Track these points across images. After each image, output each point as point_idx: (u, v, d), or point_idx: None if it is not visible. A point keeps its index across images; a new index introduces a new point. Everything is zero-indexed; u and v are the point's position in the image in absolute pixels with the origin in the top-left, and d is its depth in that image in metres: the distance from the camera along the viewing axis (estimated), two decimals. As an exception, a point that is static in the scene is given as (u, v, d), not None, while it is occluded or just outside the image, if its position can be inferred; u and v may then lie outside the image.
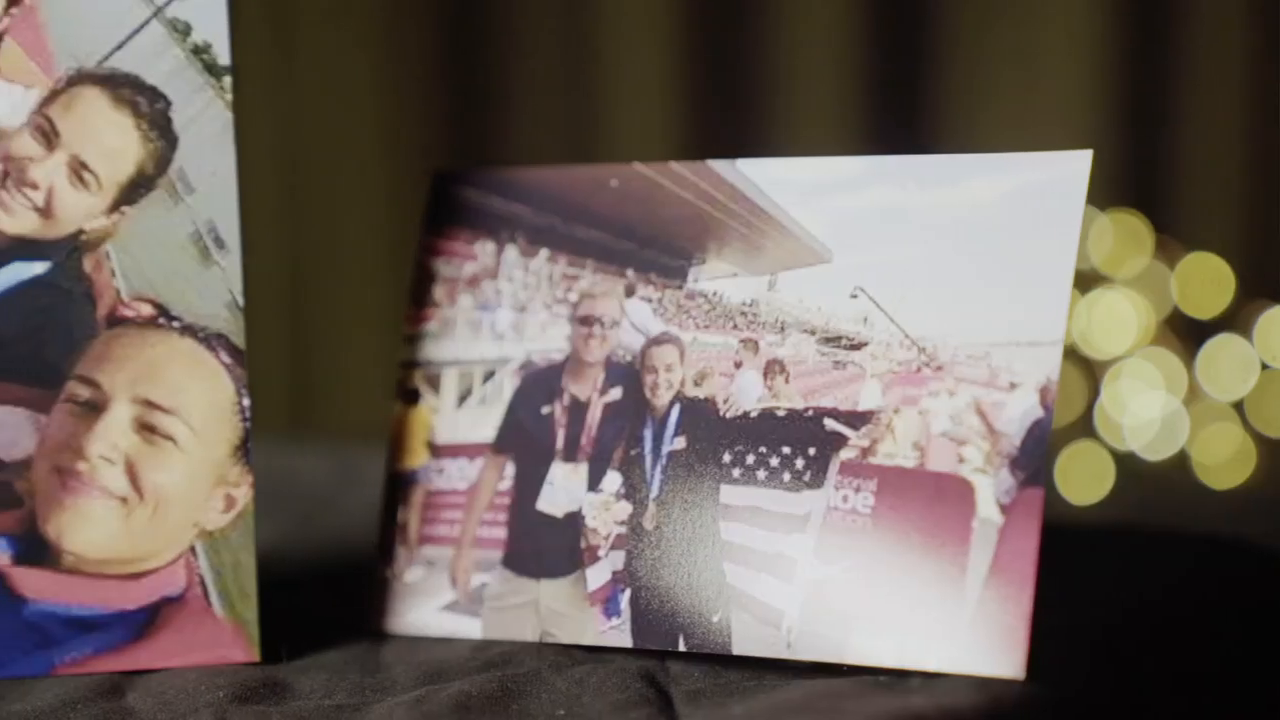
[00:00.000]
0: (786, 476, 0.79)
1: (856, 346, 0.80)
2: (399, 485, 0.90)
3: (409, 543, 0.89)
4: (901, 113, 2.10)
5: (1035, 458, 0.74)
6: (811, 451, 0.79)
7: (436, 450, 0.90)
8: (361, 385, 2.06)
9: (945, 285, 0.78)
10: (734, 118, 2.09)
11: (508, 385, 0.89)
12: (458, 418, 0.90)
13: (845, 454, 0.78)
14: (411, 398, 0.91)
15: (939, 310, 0.78)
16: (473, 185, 0.91)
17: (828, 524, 0.78)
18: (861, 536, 0.77)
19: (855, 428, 0.78)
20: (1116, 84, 2.11)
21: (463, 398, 0.90)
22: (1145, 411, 2.20)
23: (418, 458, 0.90)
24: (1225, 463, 2.19)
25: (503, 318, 0.89)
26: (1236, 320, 2.17)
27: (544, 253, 0.89)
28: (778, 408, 0.81)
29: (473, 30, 2.07)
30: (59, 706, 0.77)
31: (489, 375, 0.89)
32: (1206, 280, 2.21)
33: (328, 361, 2.10)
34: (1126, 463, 2.16)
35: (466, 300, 0.90)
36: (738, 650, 0.79)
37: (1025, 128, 2.09)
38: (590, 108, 2.07)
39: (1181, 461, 2.22)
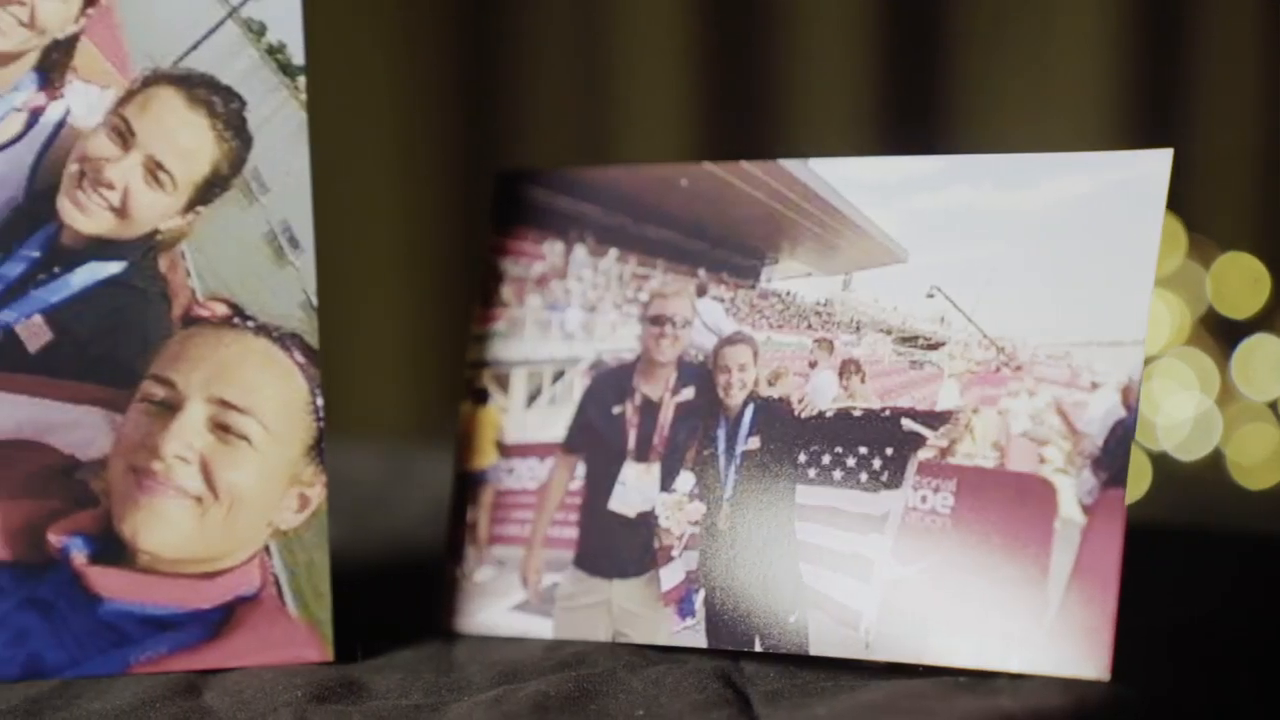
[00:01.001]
0: (863, 476, 0.79)
1: (934, 346, 0.79)
2: (468, 485, 0.90)
3: (479, 542, 0.89)
4: (916, 114, 2.10)
5: (1118, 458, 0.74)
6: (889, 451, 0.79)
7: (506, 450, 0.90)
8: (394, 384, 2.06)
9: (1023, 285, 0.78)
10: (749, 119, 2.09)
11: (578, 385, 0.88)
12: (527, 417, 0.89)
13: (923, 454, 0.78)
14: (480, 397, 0.91)
15: (1017, 310, 0.78)
16: (539, 185, 0.91)
17: (906, 524, 0.78)
18: (941, 537, 0.77)
19: (933, 428, 0.78)
20: (1136, 83, 2.11)
21: (532, 397, 0.90)
22: (1179, 412, 2.20)
23: (487, 457, 0.90)
24: (1260, 463, 2.19)
25: (572, 317, 0.89)
26: (1272, 320, 2.16)
27: (613, 252, 0.89)
28: (854, 408, 0.80)
29: (486, 32, 2.08)
30: (137, 705, 0.77)
31: (559, 375, 0.89)
32: (1241, 280, 2.20)
33: (354, 360, 2.11)
34: (1161, 463, 2.15)
35: (535, 300, 0.90)
36: (814, 651, 0.79)
37: (1044, 129, 2.09)
38: (604, 110, 2.07)
39: (1216, 461, 2.22)
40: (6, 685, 0.81)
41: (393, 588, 0.97)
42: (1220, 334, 2.20)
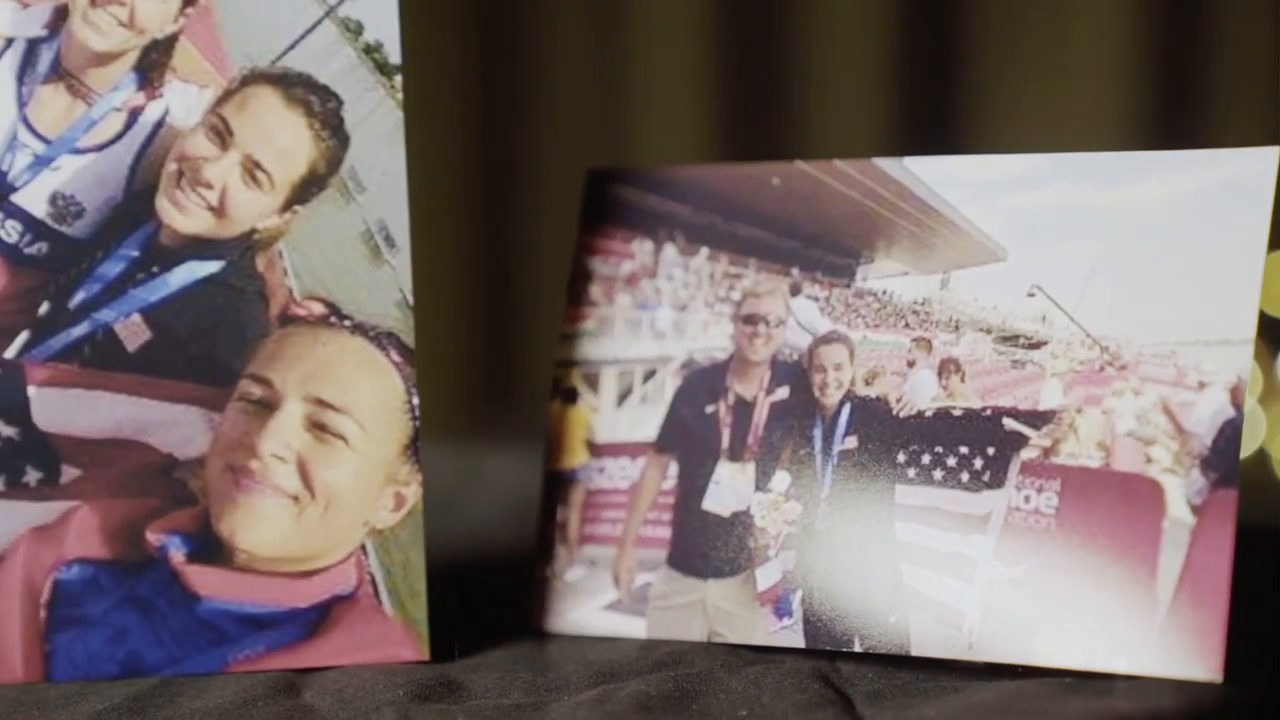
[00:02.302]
0: (964, 476, 0.79)
1: (1035, 345, 0.79)
2: (557, 484, 0.90)
3: (569, 542, 0.89)
4: (931, 116, 2.09)
5: (1227, 458, 0.73)
6: (990, 451, 0.78)
7: (596, 449, 0.89)
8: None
9: (1127, 284, 0.77)
10: (766, 121, 2.08)
11: (669, 384, 0.88)
12: (618, 417, 0.89)
13: (1026, 454, 0.78)
14: (569, 397, 0.91)
15: (1121, 309, 0.77)
16: (628, 184, 0.91)
17: (1009, 524, 0.77)
18: (1045, 537, 0.76)
19: (1036, 427, 0.78)
20: (1153, 84, 2.10)
21: (623, 397, 0.90)
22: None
23: (577, 457, 0.90)
24: (1305, 461, 2.17)
25: (663, 316, 0.89)
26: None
27: (704, 251, 0.89)
28: (954, 407, 0.80)
29: (502, 34, 2.07)
30: (239, 704, 0.77)
31: (650, 374, 0.89)
32: (1285, 278, 2.19)
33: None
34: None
35: (625, 299, 0.90)
36: (916, 651, 0.78)
37: (1060, 131, 2.08)
38: (619, 111, 2.07)
39: (1261, 460, 2.20)
40: (106, 683, 0.81)
41: (477, 586, 0.97)
42: (1265, 333, 2.18)
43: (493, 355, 2.07)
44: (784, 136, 2.06)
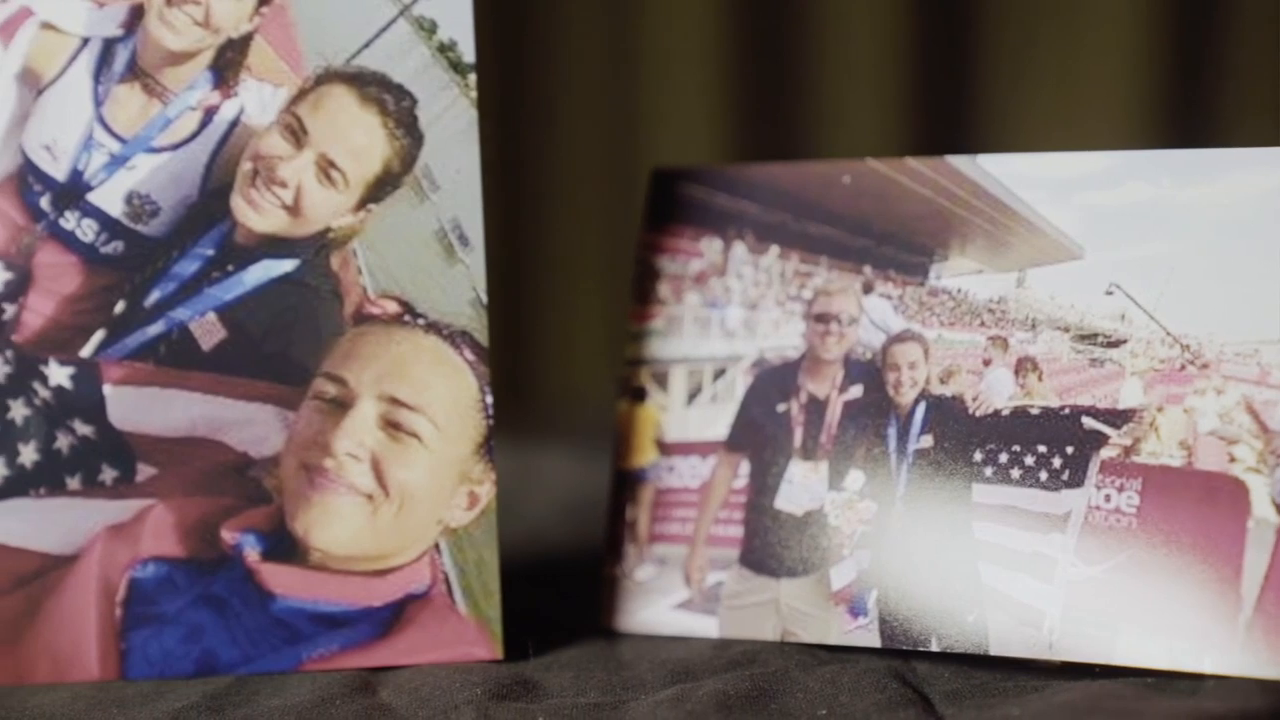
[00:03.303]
0: (1043, 475, 0.78)
1: (1114, 344, 0.79)
2: (627, 483, 0.90)
3: (639, 541, 0.89)
4: (943, 116, 2.08)
5: (1313, 457, 0.73)
6: (1069, 450, 0.78)
7: (666, 448, 0.89)
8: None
9: (1207, 281, 0.77)
10: (777, 123, 2.07)
11: (740, 383, 0.88)
12: (688, 415, 0.89)
13: (1106, 453, 0.77)
14: (638, 395, 0.90)
15: (1201, 307, 0.77)
16: (694, 182, 0.91)
17: (1089, 523, 0.77)
18: (1126, 536, 0.76)
19: (1116, 426, 0.77)
20: (1166, 86, 2.09)
21: (692, 395, 0.89)
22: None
23: (646, 455, 0.90)
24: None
25: (733, 315, 0.89)
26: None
27: (774, 249, 0.88)
28: (1031, 405, 0.80)
29: (517, 35, 2.07)
30: (316, 702, 0.77)
31: (720, 373, 0.89)
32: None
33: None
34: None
35: (693, 298, 0.90)
36: (995, 651, 0.78)
37: (1073, 134, 2.07)
38: (631, 112, 2.06)
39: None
40: (182, 681, 0.81)
41: (537, 585, 0.97)
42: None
43: (505, 355, 2.07)
44: (794, 137, 2.06)
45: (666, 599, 0.87)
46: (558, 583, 0.98)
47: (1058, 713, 0.70)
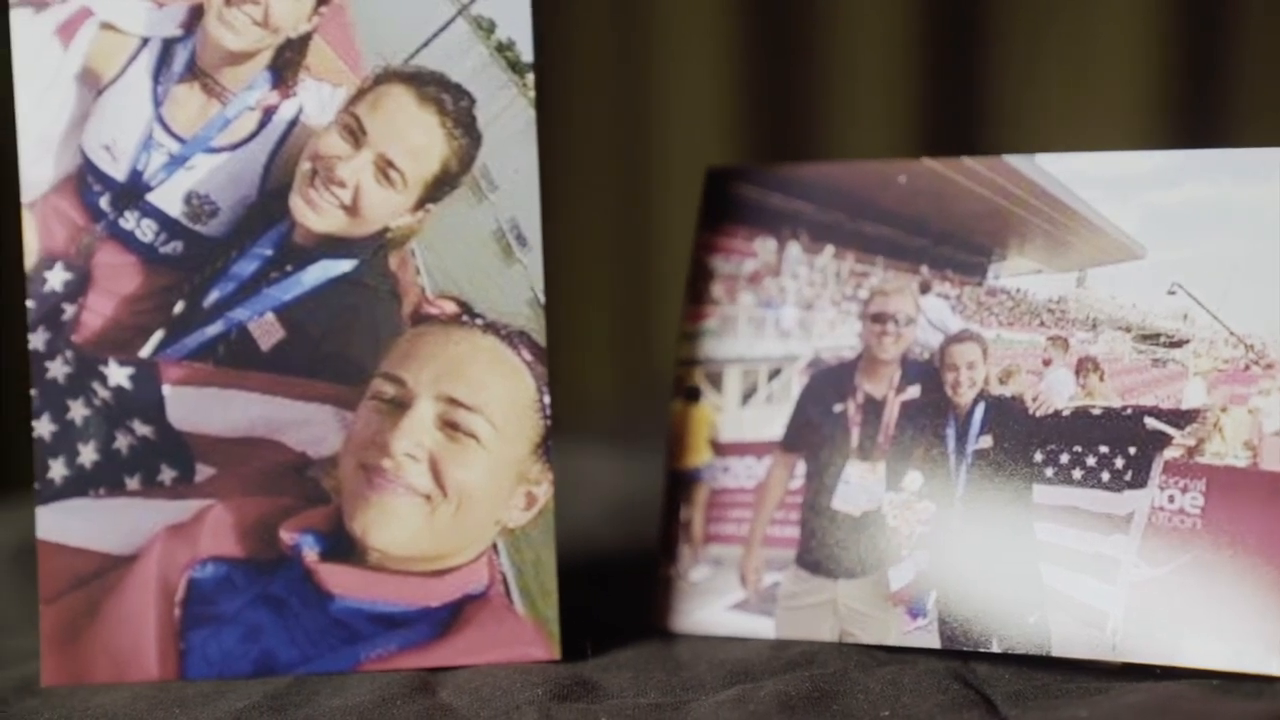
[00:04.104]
0: (1105, 476, 0.78)
1: (1177, 344, 0.78)
2: (680, 484, 0.89)
3: (694, 541, 0.89)
4: (953, 116, 2.08)
5: (1381, 458, 0.73)
6: (1132, 451, 0.78)
7: (720, 448, 0.89)
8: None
9: (1271, 281, 0.77)
10: (785, 122, 2.07)
11: (795, 383, 0.88)
12: (742, 415, 0.89)
13: (1169, 453, 0.77)
14: (692, 396, 0.90)
15: (1265, 306, 0.76)
16: (749, 181, 0.91)
17: (1152, 524, 0.77)
18: (1191, 537, 0.76)
19: (1179, 426, 0.77)
20: (1175, 87, 2.08)
21: (747, 395, 0.89)
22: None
23: (700, 456, 0.90)
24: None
25: (788, 315, 0.89)
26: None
27: (829, 249, 0.88)
28: (1092, 406, 0.79)
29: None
30: (377, 703, 0.77)
31: (775, 373, 0.89)
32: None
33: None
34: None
35: (748, 298, 0.90)
36: (1057, 652, 0.78)
37: (1084, 134, 2.07)
38: (640, 112, 2.06)
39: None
40: (241, 681, 0.81)
41: (594, 586, 0.97)
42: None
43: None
44: (804, 137, 2.05)
45: (722, 600, 0.87)
46: (608, 583, 0.98)
47: (1127, 714, 0.69)
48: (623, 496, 1.21)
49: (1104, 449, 0.78)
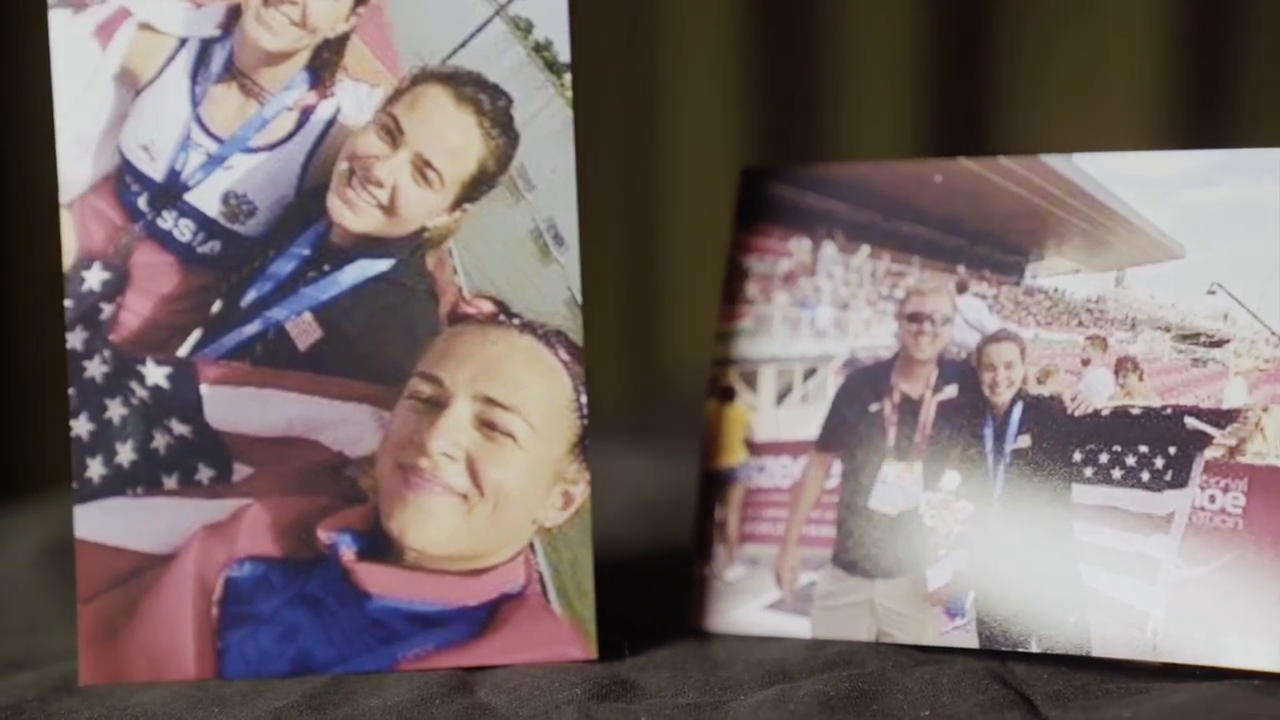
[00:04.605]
0: (1145, 475, 0.78)
1: (1217, 344, 0.78)
2: (715, 483, 0.89)
3: (729, 541, 0.88)
4: (964, 116, 2.08)
5: None
6: (1172, 450, 0.78)
7: (755, 448, 0.89)
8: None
9: (1312, 281, 0.77)
10: (794, 122, 2.07)
11: (831, 383, 0.88)
12: (778, 415, 0.89)
13: (1210, 453, 0.77)
14: (726, 395, 0.90)
15: (1306, 306, 0.76)
16: (784, 181, 0.91)
17: (1193, 524, 0.76)
18: (1232, 537, 0.75)
19: (1220, 426, 0.77)
20: (1186, 87, 2.08)
21: (782, 395, 0.89)
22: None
23: (735, 455, 0.90)
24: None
25: (823, 315, 0.89)
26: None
27: (865, 249, 0.88)
28: (1132, 405, 0.79)
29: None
30: (416, 702, 0.77)
31: (810, 373, 0.89)
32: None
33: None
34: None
35: (782, 297, 0.90)
36: (1097, 652, 0.77)
37: (1094, 134, 2.06)
38: (649, 110, 2.06)
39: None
40: (278, 680, 0.81)
41: (626, 585, 0.97)
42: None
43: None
44: (813, 138, 2.05)
45: (757, 599, 0.87)
46: (640, 582, 0.98)
47: (1172, 714, 0.69)
48: (640, 495, 1.21)
49: (1144, 449, 0.78)
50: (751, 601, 0.87)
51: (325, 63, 0.82)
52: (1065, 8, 2.01)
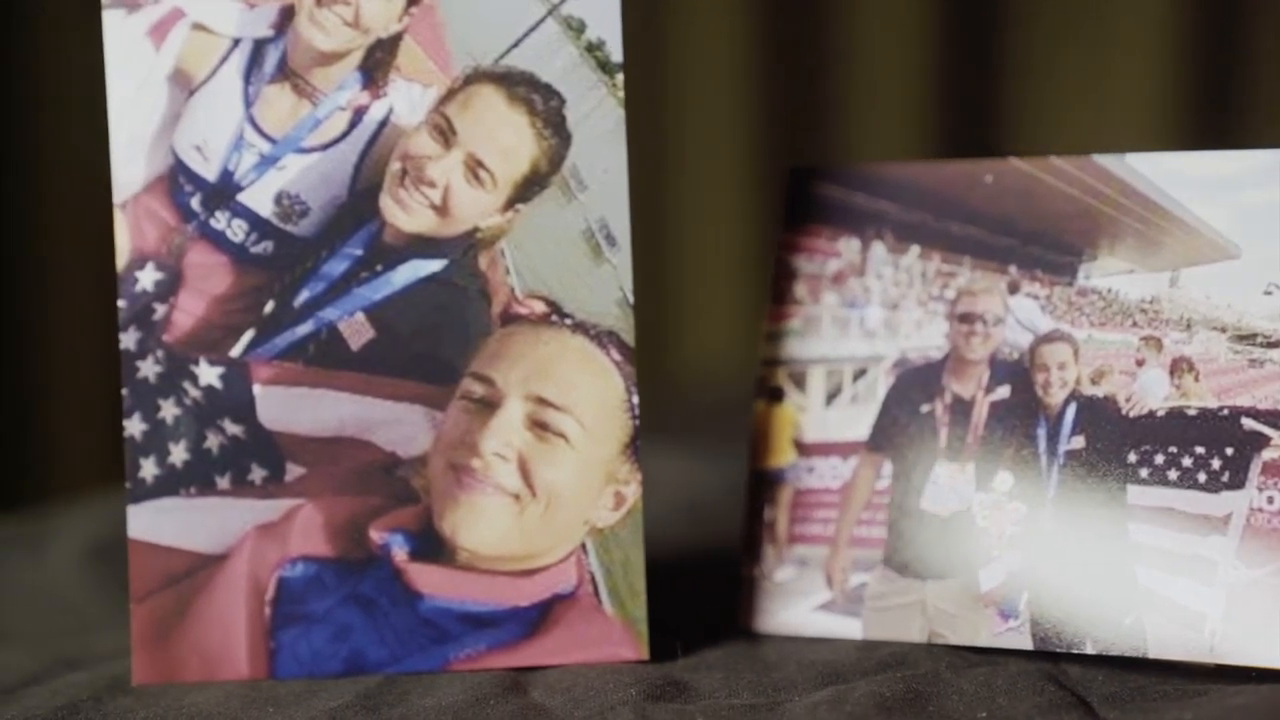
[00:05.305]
0: (1201, 477, 0.78)
1: (1274, 344, 0.78)
2: (764, 484, 0.89)
3: (778, 542, 0.88)
4: (975, 117, 2.08)
5: None
6: (1229, 452, 0.77)
7: (805, 449, 0.89)
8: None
9: (1370, 281, 0.76)
10: (804, 123, 2.07)
11: (881, 383, 0.88)
12: (827, 416, 0.89)
13: (1268, 454, 0.76)
14: (775, 395, 0.90)
15: (1365, 307, 0.76)
16: (832, 181, 0.90)
17: (1251, 526, 0.76)
18: (1291, 539, 0.75)
19: (1278, 427, 0.76)
20: (1196, 87, 2.07)
21: (831, 396, 0.89)
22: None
23: (784, 456, 0.89)
24: None
25: (873, 315, 0.89)
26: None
27: (915, 249, 0.88)
28: (1187, 406, 0.79)
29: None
30: (470, 703, 0.77)
31: (860, 373, 0.88)
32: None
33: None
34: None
35: (831, 297, 0.90)
36: (1154, 654, 0.77)
37: (1103, 134, 2.06)
38: (655, 109, 2.06)
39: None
40: (331, 680, 0.81)
41: (672, 585, 0.97)
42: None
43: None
44: (819, 138, 2.05)
45: (807, 600, 0.87)
46: (685, 583, 0.97)
47: (1234, 716, 0.69)
48: (702, 495, 1.21)
49: (1200, 450, 0.78)
50: (801, 602, 0.87)
51: (378, 63, 0.82)
52: (1076, 9, 2.01)
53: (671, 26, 2.00)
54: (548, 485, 0.82)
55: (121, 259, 0.82)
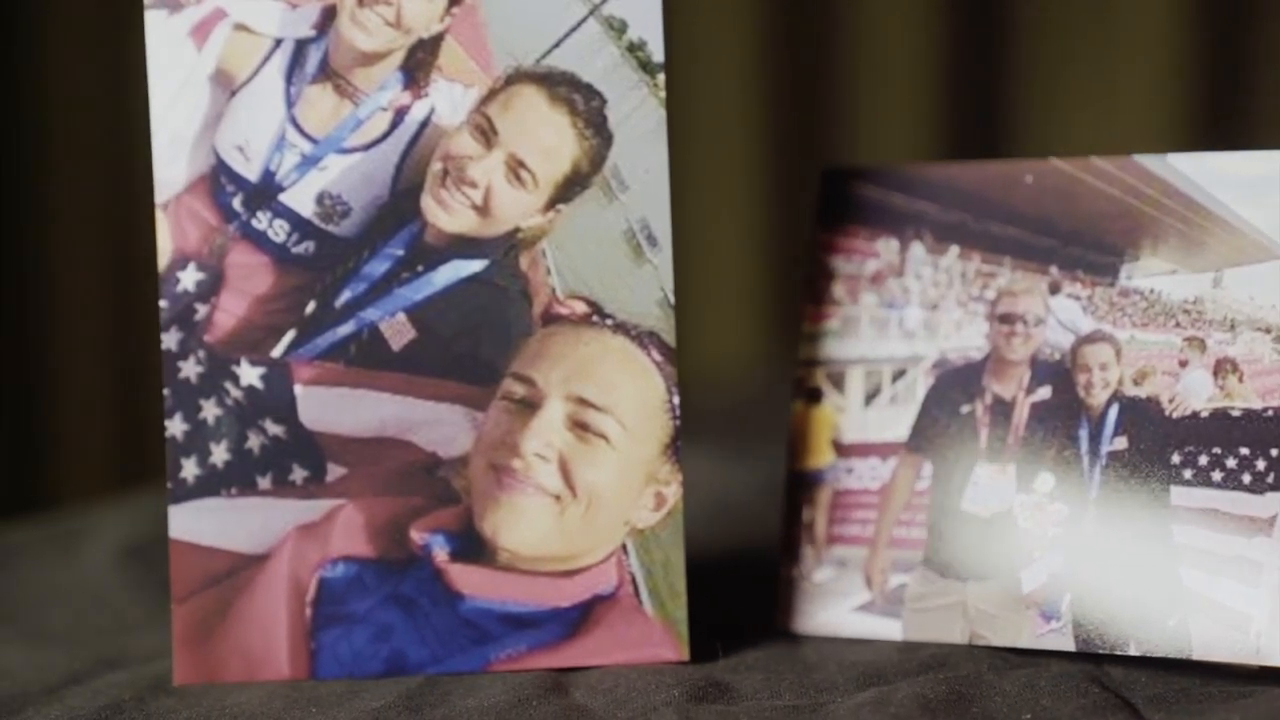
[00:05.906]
0: (1246, 478, 0.77)
1: (1319, 345, 0.78)
2: (802, 485, 0.89)
3: (817, 542, 0.88)
4: (982, 117, 2.07)
5: None
6: (1274, 453, 0.77)
7: (843, 449, 0.89)
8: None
9: None
10: (811, 123, 2.06)
11: (920, 384, 0.87)
12: (866, 417, 0.89)
13: (1313, 455, 0.76)
14: (813, 396, 0.90)
15: None
16: (868, 181, 0.90)
17: (1296, 527, 0.76)
18: (1337, 540, 0.75)
19: (1323, 428, 0.76)
20: (1202, 88, 2.07)
21: (870, 396, 0.89)
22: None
23: (823, 457, 0.89)
24: None
25: (912, 315, 0.88)
26: None
27: (954, 249, 0.88)
28: (1231, 407, 0.79)
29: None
30: (513, 703, 0.77)
31: (899, 374, 0.88)
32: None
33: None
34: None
35: (870, 298, 0.89)
36: (1199, 655, 0.77)
37: (1109, 134, 2.06)
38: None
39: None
40: (372, 680, 0.81)
41: (709, 586, 0.97)
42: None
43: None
44: (828, 137, 2.05)
45: (847, 601, 0.87)
46: (721, 583, 0.97)
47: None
48: (735, 495, 1.21)
49: (1245, 451, 0.78)
50: (841, 603, 0.87)
51: (420, 63, 0.82)
52: (1083, 12, 2.01)
53: (678, 26, 2.01)
54: (588, 486, 0.82)
55: (163, 259, 0.82)
